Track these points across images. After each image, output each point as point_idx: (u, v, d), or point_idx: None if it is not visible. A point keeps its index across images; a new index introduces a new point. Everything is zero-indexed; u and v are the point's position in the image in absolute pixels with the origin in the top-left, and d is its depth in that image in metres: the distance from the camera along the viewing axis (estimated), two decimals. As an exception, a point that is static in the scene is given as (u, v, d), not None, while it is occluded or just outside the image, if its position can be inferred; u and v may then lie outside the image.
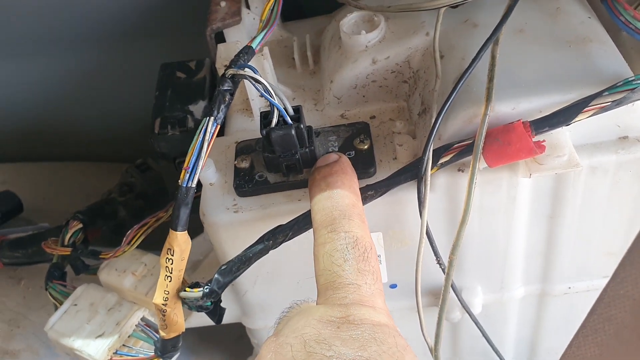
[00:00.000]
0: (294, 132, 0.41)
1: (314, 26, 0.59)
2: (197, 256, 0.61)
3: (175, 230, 0.39)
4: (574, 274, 0.52)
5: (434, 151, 0.41)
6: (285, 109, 0.41)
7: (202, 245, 0.60)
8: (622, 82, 0.38)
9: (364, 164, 0.45)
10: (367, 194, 0.42)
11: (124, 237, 0.55)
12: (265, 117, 0.42)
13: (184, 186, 0.39)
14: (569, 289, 0.54)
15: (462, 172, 0.43)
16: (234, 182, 0.46)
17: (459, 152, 0.41)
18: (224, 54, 0.52)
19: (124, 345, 0.53)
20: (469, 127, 0.41)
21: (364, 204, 0.41)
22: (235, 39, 0.56)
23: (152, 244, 0.54)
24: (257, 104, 0.51)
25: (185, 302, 0.43)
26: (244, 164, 0.46)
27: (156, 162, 0.73)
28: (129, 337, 0.53)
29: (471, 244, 0.48)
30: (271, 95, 0.40)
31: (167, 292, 0.41)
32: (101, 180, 0.81)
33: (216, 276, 0.42)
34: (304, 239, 0.41)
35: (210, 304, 0.43)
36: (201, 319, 0.56)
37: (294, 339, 0.31)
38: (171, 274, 0.40)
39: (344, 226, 0.36)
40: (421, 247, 0.43)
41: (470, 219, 0.41)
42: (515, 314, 0.57)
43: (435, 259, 0.46)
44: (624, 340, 0.37)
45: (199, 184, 0.43)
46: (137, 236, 0.55)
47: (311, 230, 0.39)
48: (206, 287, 0.42)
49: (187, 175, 0.39)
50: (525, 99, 0.40)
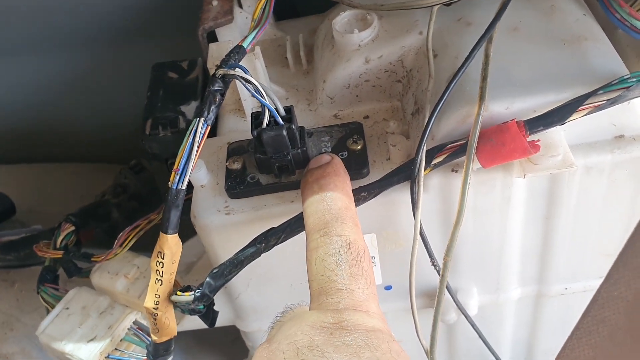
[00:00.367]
0: (285, 132, 0.41)
1: (307, 25, 0.58)
2: (191, 258, 0.60)
3: (165, 233, 0.39)
4: (570, 275, 0.52)
5: (427, 152, 0.41)
6: (276, 110, 0.40)
7: (195, 247, 0.59)
8: (617, 80, 0.38)
9: (357, 165, 0.44)
10: (361, 195, 0.42)
11: (116, 240, 0.54)
12: (256, 117, 0.41)
13: (174, 188, 0.38)
14: (566, 289, 0.54)
15: (456, 172, 0.43)
16: (226, 184, 0.45)
17: (452, 152, 0.41)
18: (215, 53, 0.51)
19: (116, 349, 0.52)
20: (463, 127, 0.41)
21: (357, 205, 0.41)
22: (227, 38, 0.55)
23: (145, 246, 0.54)
24: (249, 105, 0.50)
25: (177, 305, 0.42)
26: (236, 165, 0.46)
27: (149, 163, 0.72)
28: (121, 340, 0.52)
29: (466, 245, 0.48)
30: (262, 95, 0.40)
31: (158, 296, 0.40)
32: (95, 181, 0.81)
33: (208, 279, 0.41)
34: (297, 241, 0.41)
35: (202, 307, 0.43)
36: (195, 322, 0.55)
37: (286, 346, 0.30)
38: (162, 277, 0.40)
39: (337, 230, 0.36)
40: (415, 248, 0.43)
41: (464, 220, 0.40)
42: (511, 315, 0.56)
43: (429, 260, 0.45)
44: (617, 342, 0.37)
45: (190, 186, 0.43)
46: (129, 238, 0.54)
47: (304, 232, 0.38)
48: (197, 291, 0.41)
49: (177, 177, 0.38)
50: (519, 98, 0.40)
